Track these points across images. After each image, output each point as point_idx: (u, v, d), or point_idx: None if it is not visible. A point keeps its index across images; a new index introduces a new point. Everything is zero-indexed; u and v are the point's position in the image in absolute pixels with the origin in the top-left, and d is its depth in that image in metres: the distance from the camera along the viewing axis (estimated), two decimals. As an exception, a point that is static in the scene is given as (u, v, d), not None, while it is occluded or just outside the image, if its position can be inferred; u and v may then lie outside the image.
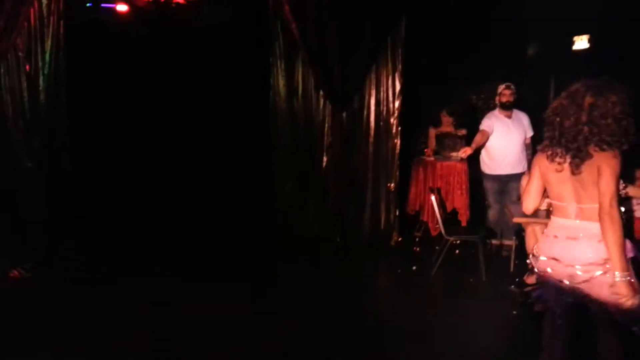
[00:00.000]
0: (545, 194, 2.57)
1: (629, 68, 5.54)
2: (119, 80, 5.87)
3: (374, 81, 5.59)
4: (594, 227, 2.34)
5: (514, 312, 4.01)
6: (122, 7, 5.73)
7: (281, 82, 5.39)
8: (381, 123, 5.66)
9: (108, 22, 5.97)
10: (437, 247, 5.06)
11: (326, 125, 5.56)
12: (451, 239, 4.88)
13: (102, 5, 5.99)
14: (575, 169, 2.33)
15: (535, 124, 5.47)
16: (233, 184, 6.04)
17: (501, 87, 5.33)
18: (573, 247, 2.39)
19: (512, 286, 4.38)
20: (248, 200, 6.03)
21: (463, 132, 6.01)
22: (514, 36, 6.62)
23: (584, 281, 2.37)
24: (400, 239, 5.82)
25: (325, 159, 5.60)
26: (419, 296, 4.39)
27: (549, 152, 2.40)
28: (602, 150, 2.29)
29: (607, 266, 2.32)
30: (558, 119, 2.37)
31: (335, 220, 5.69)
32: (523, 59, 6.84)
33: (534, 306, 3.62)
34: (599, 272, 2.34)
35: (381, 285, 5.03)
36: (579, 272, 2.38)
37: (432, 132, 6.13)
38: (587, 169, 2.30)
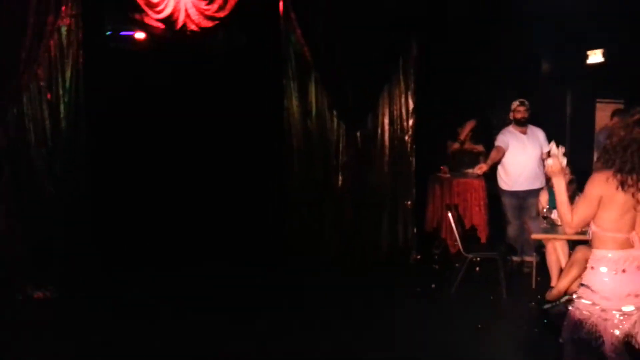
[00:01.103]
0: None
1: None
2: (138, 105, 6.00)
3: (387, 100, 5.62)
4: None
5: (535, 330, 3.92)
6: (140, 35, 5.89)
7: (295, 103, 5.45)
8: (395, 142, 5.66)
9: (127, 50, 6.14)
10: (456, 265, 5.00)
11: (341, 144, 5.58)
12: (470, 256, 4.82)
13: (121, 33, 6.17)
14: None
15: (551, 138, 5.43)
16: (249, 206, 6.06)
17: (515, 104, 5.32)
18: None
19: (532, 303, 4.30)
20: (264, 221, 6.03)
21: (480, 148, 5.98)
22: (529, 51, 6.64)
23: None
24: (419, 257, 5.76)
25: (340, 178, 5.60)
26: (439, 314, 4.33)
27: (620, 180, 2.23)
28: None
29: None
30: (634, 148, 2.23)
31: (352, 239, 5.66)
32: (538, 73, 6.83)
33: (553, 324, 3.55)
34: None
35: (400, 303, 4.95)
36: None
37: (450, 147, 6.12)
38: None
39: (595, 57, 6.48)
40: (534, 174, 5.21)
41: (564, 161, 2.47)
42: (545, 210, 4.83)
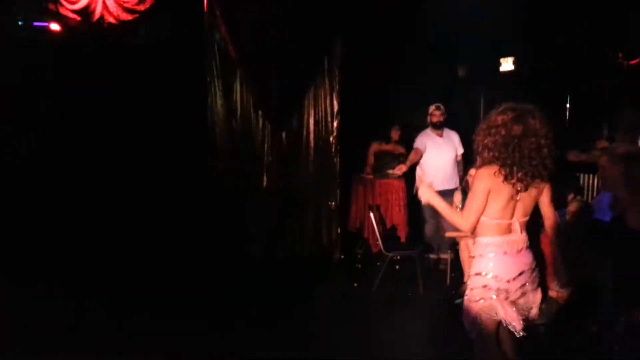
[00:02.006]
0: None
1: (547, 87, 5.95)
2: (51, 99, 5.66)
3: (312, 101, 5.68)
4: (526, 237, 2.59)
5: (449, 323, 4.13)
6: (55, 27, 5.55)
7: (219, 102, 5.38)
8: (320, 142, 5.74)
9: (40, 41, 5.76)
10: (378, 263, 5.14)
11: (266, 144, 5.58)
12: (390, 254, 4.98)
13: (35, 23, 5.78)
14: (524, 189, 2.49)
15: (466, 141, 5.74)
16: (171, 207, 5.89)
17: (431, 108, 5.57)
18: (521, 257, 2.56)
19: (453, 293, 4.52)
20: (187, 222, 5.89)
21: (401, 149, 6.18)
22: (446, 57, 6.95)
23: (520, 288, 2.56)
24: (342, 256, 5.87)
25: (265, 178, 5.60)
26: (360, 311, 4.44)
27: (505, 174, 2.46)
28: (551, 173, 2.52)
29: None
30: (515, 144, 2.43)
31: (277, 239, 5.68)
32: (455, 79, 7.17)
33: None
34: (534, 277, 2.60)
35: (323, 302, 5.03)
36: (528, 278, 2.56)
37: (373, 147, 6.24)
38: (532, 189, 2.52)
39: (507, 64, 6.90)
40: (449, 175, 5.48)
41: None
42: (458, 209, 5.09)
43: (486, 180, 2.50)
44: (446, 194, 5.41)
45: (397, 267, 5.48)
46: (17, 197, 5.37)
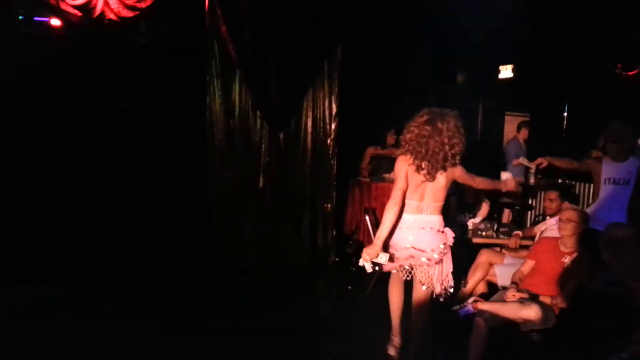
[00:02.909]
0: None
1: (545, 95, 5.98)
2: (50, 95, 5.63)
3: (310, 103, 5.68)
4: (438, 220, 3.26)
5: (445, 329, 4.12)
6: (55, 22, 5.54)
7: (218, 102, 5.36)
8: (318, 144, 5.74)
9: (41, 36, 5.74)
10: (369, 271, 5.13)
11: (263, 145, 5.57)
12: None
13: (35, 18, 5.76)
14: (432, 178, 3.16)
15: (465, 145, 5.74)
16: (168, 206, 5.87)
17: None
18: (428, 235, 3.22)
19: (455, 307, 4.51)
20: (184, 222, 5.87)
21: (397, 153, 6.17)
22: (446, 65, 6.99)
23: (428, 259, 3.23)
24: (337, 259, 5.87)
25: (262, 179, 5.59)
26: (353, 315, 4.43)
27: (416, 165, 3.14)
28: (454, 165, 3.19)
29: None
30: (424, 141, 3.10)
31: (273, 241, 5.67)
32: (454, 86, 7.20)
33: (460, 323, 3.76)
34: (435, 255, 3.23)
35: (316, 305, 5.03)
36: (425, 254, 3.22)
37: (369, 151, 6.27)
38: (440, 178, 3.18)
39: (506, 72, 6.94)
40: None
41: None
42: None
43: (403, 164, 3.20)
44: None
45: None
46: (15, 195, 5.33)
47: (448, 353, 3.69)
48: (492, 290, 4.24)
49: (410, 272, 3.35)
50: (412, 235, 3.22)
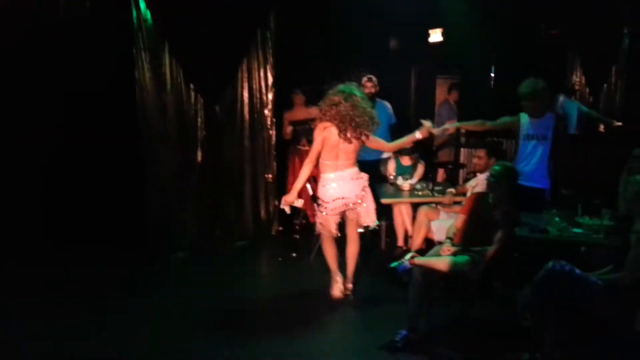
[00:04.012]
0: None
1: (473, 57, 6.20)
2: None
3: (246, 74, 5.61)
4: (355, 171, 4.00)
5: (385, 285, 4.32)
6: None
7: (147, 76, 5.14)
8: (255, 115, 5.70)
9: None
10: (316, 233, 5.23)
11: (199, 119, 5.45)
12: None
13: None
14: (349, 141, 3.87)
15: (398, 111, 5.89)
16: (101, 186, 5.65)
17: (364, 79, 5.65)
18: (350, 184, 3.95)
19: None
20: (119, 202, 5.69)
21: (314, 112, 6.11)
22: (377, 30, 7.04)
23: (354, 204, 3.97)
24: (281, 228, 5.95)
25: (200, 153, 5.49)
26: (298, 281, 4.54)
27: (342, 128, 3.83)
28: (368, 132, 3.96)
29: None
30: (347, 114, 3.81)
31: (215, 214, 5.63)
32: (387, 50, 7.29)
33: (401, 279, 3.94)
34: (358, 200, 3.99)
35: (261, 273, 5.10)
36: (350, 200, 3.96)
37: (286, 116, 6.00)
38: (354, 141, 3.90)
39: (436, 35, 7.10)
40: (383, 144, 5.62)
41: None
42: (391, 177, 5.27)
43: (321, 132, 3.87)
44: (380, 162, 5.61)
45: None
46: None
47: (390, 307, 3.88)
48: (430, 246, 4.45)
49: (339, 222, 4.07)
50: (338, 188, 3.92)
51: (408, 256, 4.59)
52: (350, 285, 4.17)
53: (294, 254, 5.15)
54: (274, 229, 5.94)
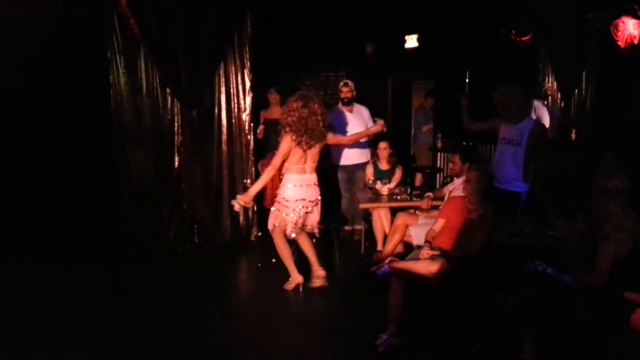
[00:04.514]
0: None
1: (448, 62, 6.29)
2: None
3: (223, 78, 5.57)
4: (315, 177, 4.24)
5: (365, 290, 4.32)
6: None
7: (122, 80, 5.07)
8: (233, 120, 5.66)
9: None
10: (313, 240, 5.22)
11: (176, 124, 5.39)
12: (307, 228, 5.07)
13: None
14: (309, 148, 4.09)
15: (377, 115, 5.93)
16: (77, 193, 5.53)
17: (340, 85, 5.69)
18: (311, 189, 4.20)
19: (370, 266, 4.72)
20: (95, 209, 5.58)
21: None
22: (354, 35, 7.09)
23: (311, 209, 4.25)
24: (260, 234, 5.91)
25: (177, 159, 5.42)
26: (278, 286, 4.51)
27: (299, 140, 4.04)
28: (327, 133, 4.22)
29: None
30: (305, 120, 4.01)
31: (192, 220, 5.56)
32: (363, 56, 7.34)
33: (380, 283, 3.96)
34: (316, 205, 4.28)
35: (240, 279, 5.06)
36: (310, 204, 4.22)
37: (262, 114, 6.01)
38: (315, 148, 4.15)
39: (412, 41, 7.18)
40: (360, 149, 5.65)
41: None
42: (370, 181, 5.30)
43: (288, 142, 4.08)
44: (359, 168, 5.64)
45: (314, 240, 5.59)
46: None
47: (371, 311, 3.89)
48: (408, 250, 4.48)
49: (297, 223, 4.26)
50: (300, 190, 4.15)
51: (387, 260, 4.61)
52: (322, 272, 4.38)
53: (274, 260, 5.11)
54: (253, 235, 5.90)
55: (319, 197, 4.30)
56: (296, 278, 4.39)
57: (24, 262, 4.89)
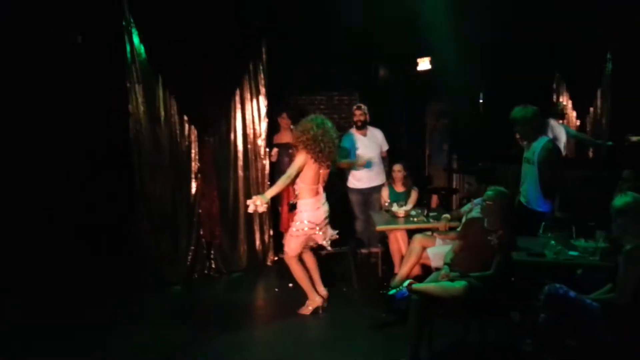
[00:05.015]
0: None
1: (462, 83, 6.31)
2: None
3: (238, 104, 5.66)
4: (325, 196, 4.39)
5: (384, 315, 4.28)
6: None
7: (141, 109, 5.16)
8: (249, 146, 5.74)
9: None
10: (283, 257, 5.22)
11: (193, 150, 5.47)
12: (324, 252, 5.08)
13: None
14: (327, 167, 4.29)
15: (391, 138, 5.96)
16: (93, 218, 5.62)
17: (353, 108, 5.75)
18: (323, 208, 4.34)
19: (381, 291, 4.68)
20: (113, 235, 5.65)
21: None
22: (369, 60, 7.18)
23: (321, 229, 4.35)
24: (276, 258, 5.91)
25: (194, 185, 5.49)
26: (295, 310, 4.49)
27: (316, 157, 4.18)
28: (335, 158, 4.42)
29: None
30: (320, 139, 4.16)
31: (209, 246, 5.59)
32: (376, 80, 7.40)
33: (399, 308, 3.94)
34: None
35: (258, 305, 5.04)
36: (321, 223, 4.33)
37: (274, 138, 6.02)
38: (327, 169, 4.33)
39: (424, 64, 7.23)
40: (376, 172, 5.66)
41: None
42: (387, 204, 5.29)
43: (304, 157, 4.18)
44: (374, 190, 5.65)
45: (331, 264, 5.58)
46: None
47: (390, 335, 3.85)
48: (427, 273, 4.44)
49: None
50: (322, 210, 4.31)
51: (406, 283, 4.56)
52: (325, 292, 4.50)
53: (291, 284, 5.10)
54: (270, 259, 5.91)
55: (327, 218, 4.40)
56: (316, 301, 4.39)
57: (37, 287, 4.94)
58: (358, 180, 5.67)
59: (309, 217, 4.26)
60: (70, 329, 4.17)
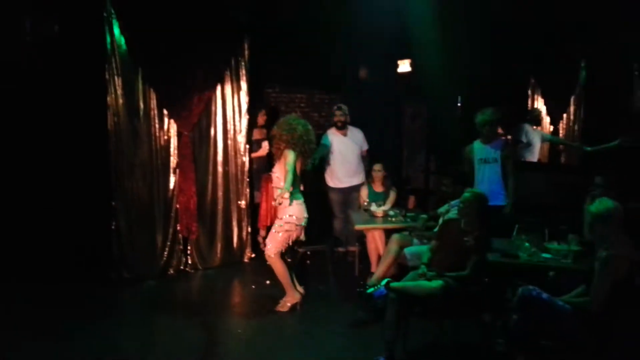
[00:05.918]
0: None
1: (443, 86, 6.41)
2: None
3: (220, 100, 5.63)
4: None
5: (360, 313, 4.32)
6: None
7: (120, 101, 5.08)
8: (229, 141, 5.71)
9: None
10: (289, 260, 5.23)
11: (172, 145, 5.42)
12: (302, 250, 5.10)
13: None
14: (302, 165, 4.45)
15: (371, 138, 6.01)
16: (71, 214, 5.50)
17: (334, 109, 5.80)
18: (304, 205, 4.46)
19: (358, 289, 4.72)
20: (88, 230, 5.54)
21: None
22: (349, 60, 7.22)
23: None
24: (253, 255, 5.90)
25: (172, 180, 5.44)
26: (273, 307, 4.50)
27: (300, 155, 4.35)
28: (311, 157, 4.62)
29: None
30: (305, 139, 4.35)
31: (186, 242, 5.55)
32: (357, 80, 7.44)
33: (376, 306, 3.98)
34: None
35: (235, 301, 5.03)
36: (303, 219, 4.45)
37: (254, 132, 6.01)
38: (303, 166, 4.50)
39: (404, 66, 7.30)
40: (355, 171, 5.71)
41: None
42: (365, 203, 5.34)
43: (292, 157, 4.27)
44: (353, 190, 5.70)
45: (308, 262, 5.61)
46: None
47: (366, 333, 3.89)
48: (403, 273, 4.50)
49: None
50: (304, 206, 4.43)
51: (384, 282, 4.62)
52: (302, 288, 4.57)
53: (268, 281, 5.11)
54: (247, 256, 5.90)
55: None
56: (295, 297, 4.43)
57: (11, 279, 4.83)
58: (338, 179, 5.71)
59: (295, 212, 4.34)
60: (43, 324, 4.10)
